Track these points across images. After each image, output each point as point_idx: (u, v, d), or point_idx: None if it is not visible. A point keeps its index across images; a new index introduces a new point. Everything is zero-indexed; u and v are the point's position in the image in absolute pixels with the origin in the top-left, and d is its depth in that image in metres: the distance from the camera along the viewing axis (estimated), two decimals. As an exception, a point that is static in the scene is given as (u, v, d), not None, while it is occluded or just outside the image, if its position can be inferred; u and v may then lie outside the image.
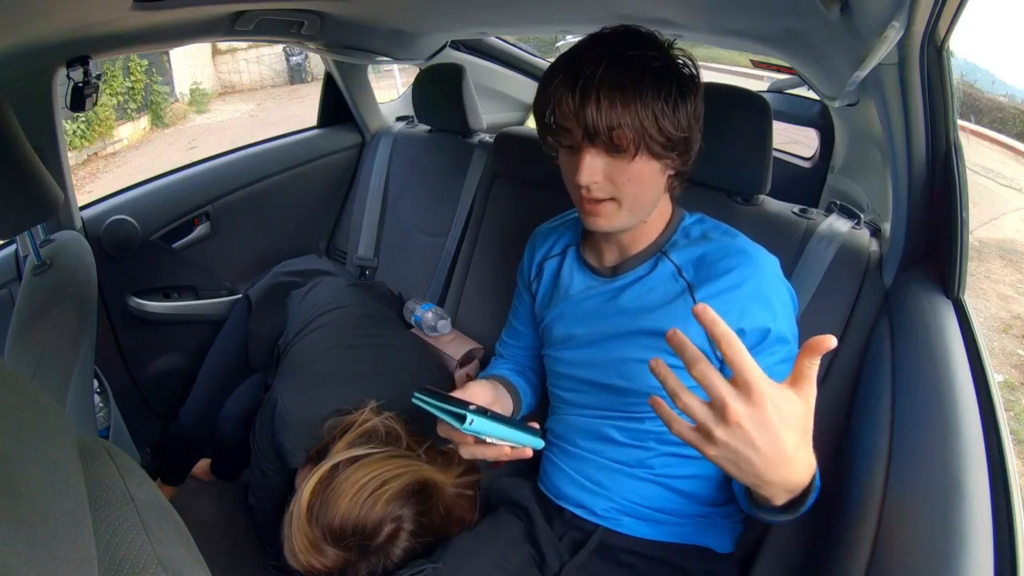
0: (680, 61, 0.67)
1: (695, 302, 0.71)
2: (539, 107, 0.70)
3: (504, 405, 0.85)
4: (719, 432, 0.46)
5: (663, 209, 0.78)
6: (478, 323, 1.33)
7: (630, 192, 0.68)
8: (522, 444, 0.64)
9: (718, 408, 0.45)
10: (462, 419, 0.57)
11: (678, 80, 0.66)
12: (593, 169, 0.66)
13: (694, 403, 0.47)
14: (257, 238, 1.59)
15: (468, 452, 0.67)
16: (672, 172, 0.72)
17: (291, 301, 1.26)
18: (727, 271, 0.71)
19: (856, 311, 0.86)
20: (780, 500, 0.52)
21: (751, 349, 0.69)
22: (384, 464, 0.80)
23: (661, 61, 0.65)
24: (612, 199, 0.69)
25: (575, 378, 0.83)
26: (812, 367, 0.46)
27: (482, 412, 0.59)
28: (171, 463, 1.34)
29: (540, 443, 0.66)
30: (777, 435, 0.45)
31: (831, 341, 0.44)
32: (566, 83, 0.65)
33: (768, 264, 0.72)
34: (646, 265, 0.77)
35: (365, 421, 0.86)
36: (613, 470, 0.78)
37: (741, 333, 0.70)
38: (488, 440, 0.62)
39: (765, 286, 0.70)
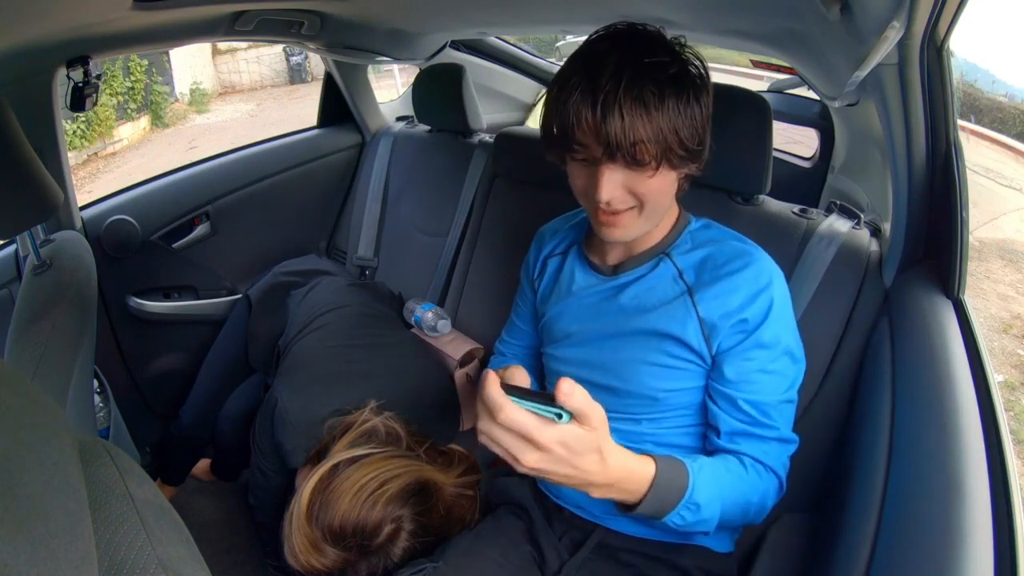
0: (691, 65, 0.66)
1: (694, 306, 0.71)
2: (553, 121, 0.67)
3: None
4: (522, 469, 0.54)
5: (670, 211, 0.78)
6: (478, 323, 1.33)
7: (650, 202, 0.68)
8: None
9: (512, 459, 0.53)
10: (559, 416, 0.57)
11: (692, 86, 0.65)
12: (613, 185, 0.66)
13: (498, 452, 0.54)
14: (257, 238, 1.59)
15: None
16: (685, 175, 0.73)
17: (291, 301, 1.26)
18: (729, 274, 0.71)
19: (856, 311, 0.86)
20: (630, 500, 0.60)
21: (735, 345, 0.70)
22: (384, 464, 0.80)
23: (676, 67, 0.64)
24: (631, 209, 0.69)
25: (572, 377, 0.82)
26: (582, 400, 0.52)
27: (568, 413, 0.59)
28: (171, 463, 1.34)
29: None
30: (573, 464, 0.53)
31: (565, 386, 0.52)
32: (584, 98, 0.62)
33: (772, 271, 0.72)
34: (648, 265, 0.77)
35: (365, 421, 0.86)
36: None
37: (743, 323, 0.70)
38: None
39: (765, 290, 0.70)
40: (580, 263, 0.84)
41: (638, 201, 0.68)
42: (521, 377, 0.71)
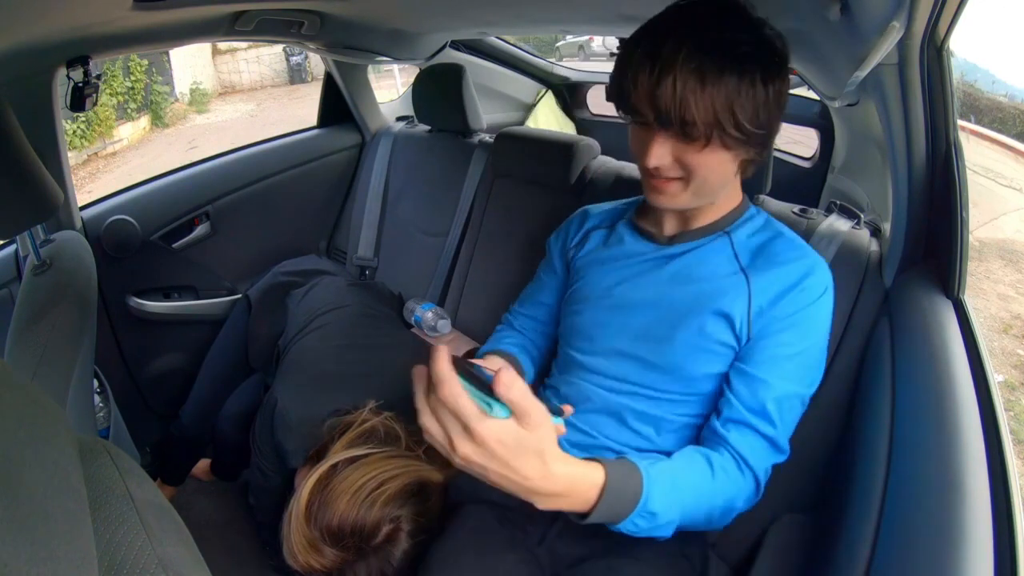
0: (769, 46, 0.64)
1: (748, 286, 0.72)
2: (615, 80, 0.67)
3: None
4: (456, 460, 0.51)
5: (732, 192, 0.77)
6: (478, 323, 1.33)
7: (699, 176, 0.68)
8: None
9: (448, 444, 0.50)
10: (489, 407, 0.53)
11: (763, 68, 0.62)
12: (662, 153, 0.66)
13: (433, 433, 0.51)
14: (257, 238, 1.59)
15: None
16: (746, 158, 0.71)
17: (291, 301, 1.26)
18: (786, 263, 0.72)
19: (856, 311, 0.86)
20: (580, 509, 0.56)
21: (774, 332, 0.70)
22: (383, 464, 0.80)
23: (750, 46, 0.62)
24: (680, 179, 0.69)
25: (598, 343, 0.80)
26: (521, 396, 0.48)
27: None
28: (171, 463, 1.34)
29: None
30: (510, 465, 0.49)
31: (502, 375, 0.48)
32: (643, 63, 0.62)
33: (827, 280, 0.72)
34: (706, 239, 0.77)
35: (364, 421, 0.86)
36: (618, 422, 0.77)
37: (789, 312, 0.70)
38: None
39: (813, 288, 0.70)
40: (631, 231, 0.83)
41: (686, 172, 0.67)
42: (497, 365, 0.70)
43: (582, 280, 0.85)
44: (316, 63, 8.27)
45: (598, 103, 2.30)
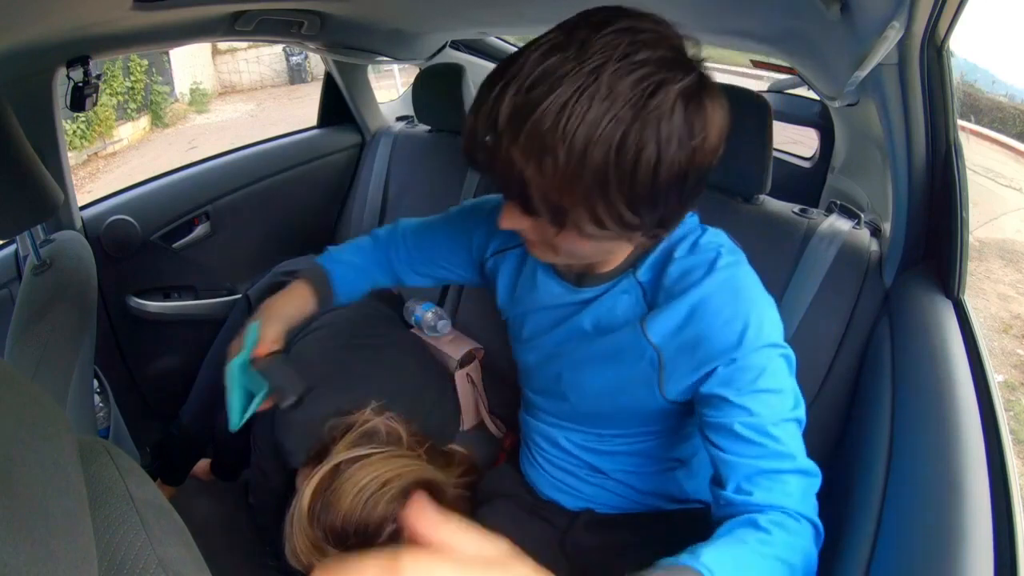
0: (696, 90, 0.45)
1: (643, 331, 0.63)
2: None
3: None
4: None
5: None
6: (478, 323, 1.33)
7: (562, 253, 0.55)
8: None
9: None
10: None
11: (661, 132, 0.42)
12: (511, 220, 0.51)
13: None
14: (257, 238, 1.59)
15: None
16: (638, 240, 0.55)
17: (291, 301, 1.26)
18: (682, 292, 0.60)
19: (856, 311, 0.86)
20: None
21: (707, 372, 0.58)
22: (385, 464, 0.80)
23: (653, 84, 0.42)
24: (544, 242, 0.55)
25: (532, 380, 0.82)
26: (433, 529, 0.31)
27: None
28: (171, 463, 1.34)
29: None
30: None
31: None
32: (493, 78, 0.43)
33: (744, 291, 0.59)
34: (613, 282, 0.67)
35: (366, 421, 0.86)
36: (574, 475, 0.80)
37: (709, 347, 0.58)
38: None
39: (721, 314, 0.57)
40: (543, 266, 0.73)
41: (552, 247, 0.54)
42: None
43: (509, 318, 0.82)
44: (316, 63, 8.27)
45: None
